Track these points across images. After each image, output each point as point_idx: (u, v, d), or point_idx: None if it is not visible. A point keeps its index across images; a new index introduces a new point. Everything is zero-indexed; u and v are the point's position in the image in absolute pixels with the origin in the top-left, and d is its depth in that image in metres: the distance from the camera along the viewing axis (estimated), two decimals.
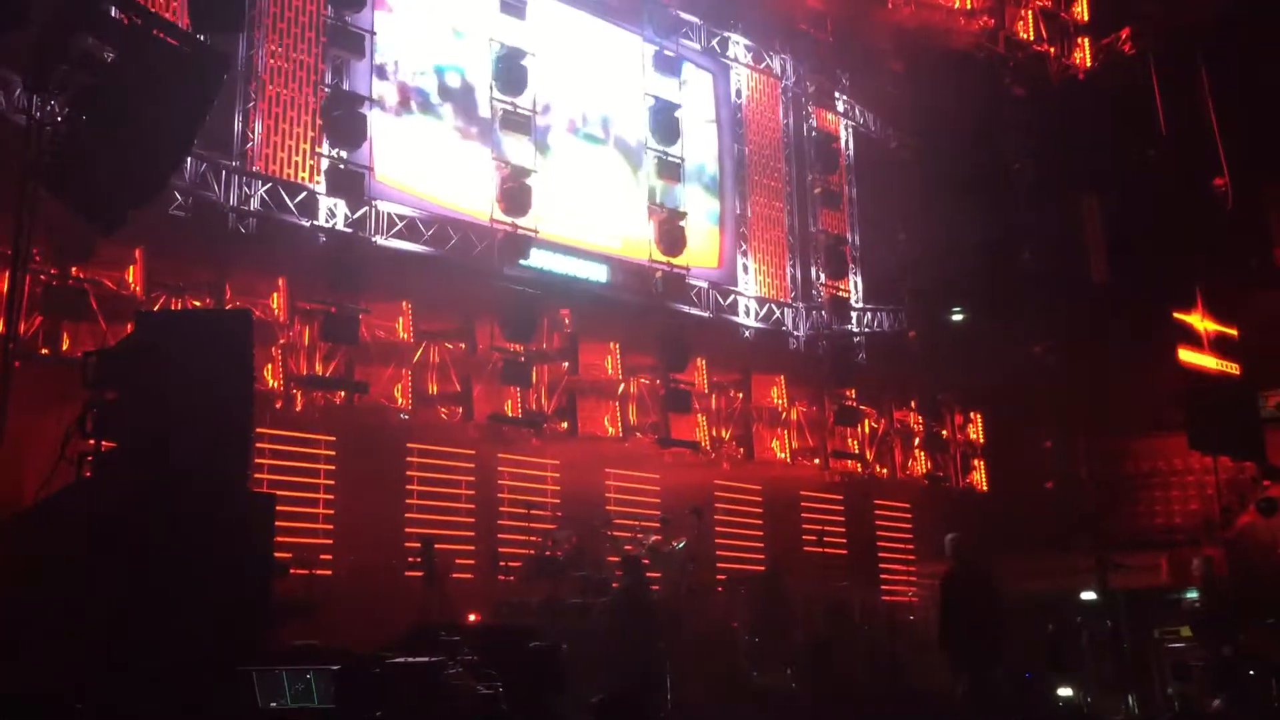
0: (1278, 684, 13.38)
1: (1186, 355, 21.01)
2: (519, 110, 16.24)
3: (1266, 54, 20.60)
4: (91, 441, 6.81)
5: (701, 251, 19.31)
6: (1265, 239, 23.39)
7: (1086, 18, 22.45)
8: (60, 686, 5.72)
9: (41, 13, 7.72)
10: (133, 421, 6.70)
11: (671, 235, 17.97)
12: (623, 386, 17.31)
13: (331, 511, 13.75)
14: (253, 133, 14.43)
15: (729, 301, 19.83)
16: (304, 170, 14.85)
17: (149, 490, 6.35)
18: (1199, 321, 21.65)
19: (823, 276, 20.81)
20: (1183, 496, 22.25)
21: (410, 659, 6.13)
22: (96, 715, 5.49)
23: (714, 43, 20.39)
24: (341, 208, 14.77)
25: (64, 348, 11.96)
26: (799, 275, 21.05)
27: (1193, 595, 18.43)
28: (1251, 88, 21.14)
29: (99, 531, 6.22)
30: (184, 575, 6.03)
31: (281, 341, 13.93)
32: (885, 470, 20.77)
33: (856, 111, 22.20)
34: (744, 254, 20.33)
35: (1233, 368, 21.91)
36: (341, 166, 14.52)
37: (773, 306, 20.51)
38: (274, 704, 5.50)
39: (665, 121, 18.22)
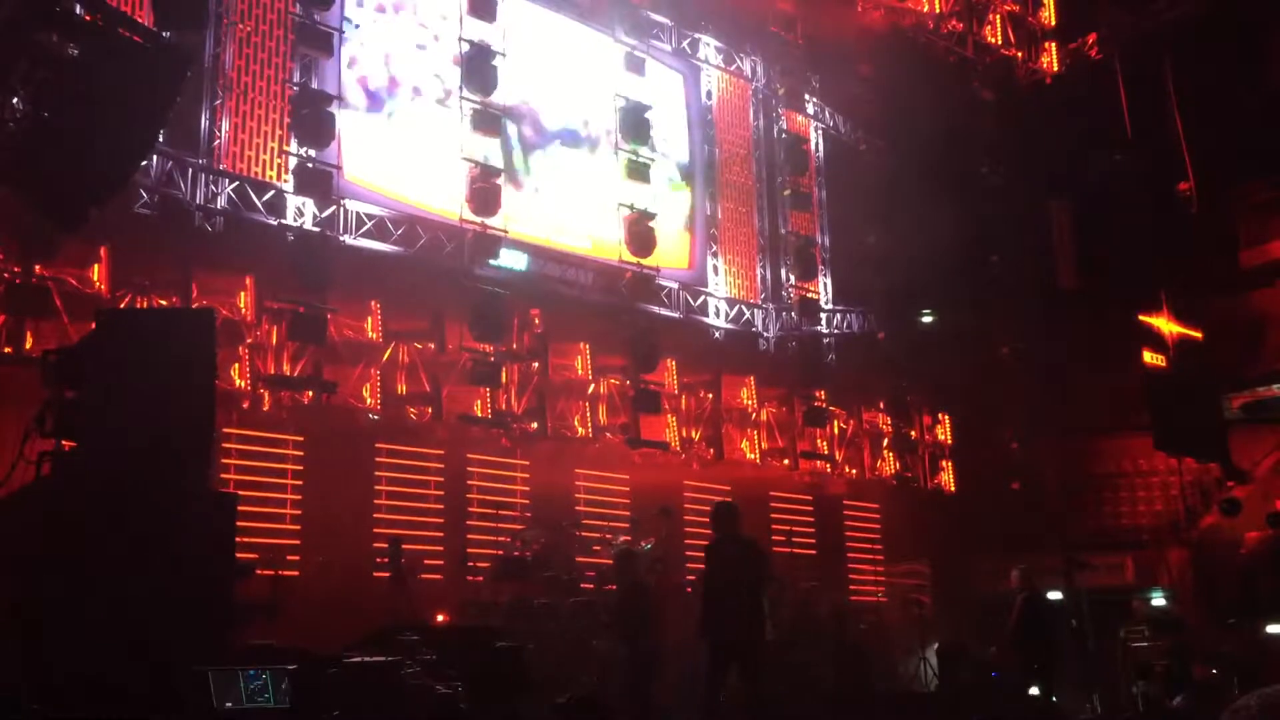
0: (1239, 682, 13.54)
1: (1152, 357, 21.27)
2: (488, 109, 16.22)
3: (1231, 59, 20.87)
4: (51, 440, 6.75)
5: (671, 252, 19.35)
6: (1230, 242, 23.69)
7: (1054, 23, 22.66)
8: (16, 686, 5.69)
9: (3, 8, 7.66)
10: (93, 420, 6.65)
11: (641, 236, 17.99)
12: (592, 387, 17.30)
13: (299, 512, 13.66)
14: (220, 131, 14.36)
15: (699, 302, 19.89)
16: (272, 169, 14.78)
17: (108, 490, 6.31)
18: (1164, 324, 21.93)
19: (792, 278, 20.90)
20: (1148, 497, 22.48)
21: (367, 659, 6.12)
22: (51, 715, 5.46)
23: (684, 44, 20.43)
24: (310, 206, 14.71)
25: (27, 346, 11.84)
26: (769, 276, 21.13)
27: (1158, 595, 18.67)
28: (1216, 93, 21.40)
29: (57, 531, 6.17)
30: (142, 575, 6.00)
31: (249, 341, 13.84)
32: (854, 471, 20.86)
33: (826, 114, 22.31)
34: (714, 255, 20.39)
35: (1197, 370, 22.16)
36: (310, 165, 14.44)
37: (743, 307, 20.58)
38: (229, 704, 5.48)
39: (635, 122, 18.22)
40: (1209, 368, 22.03)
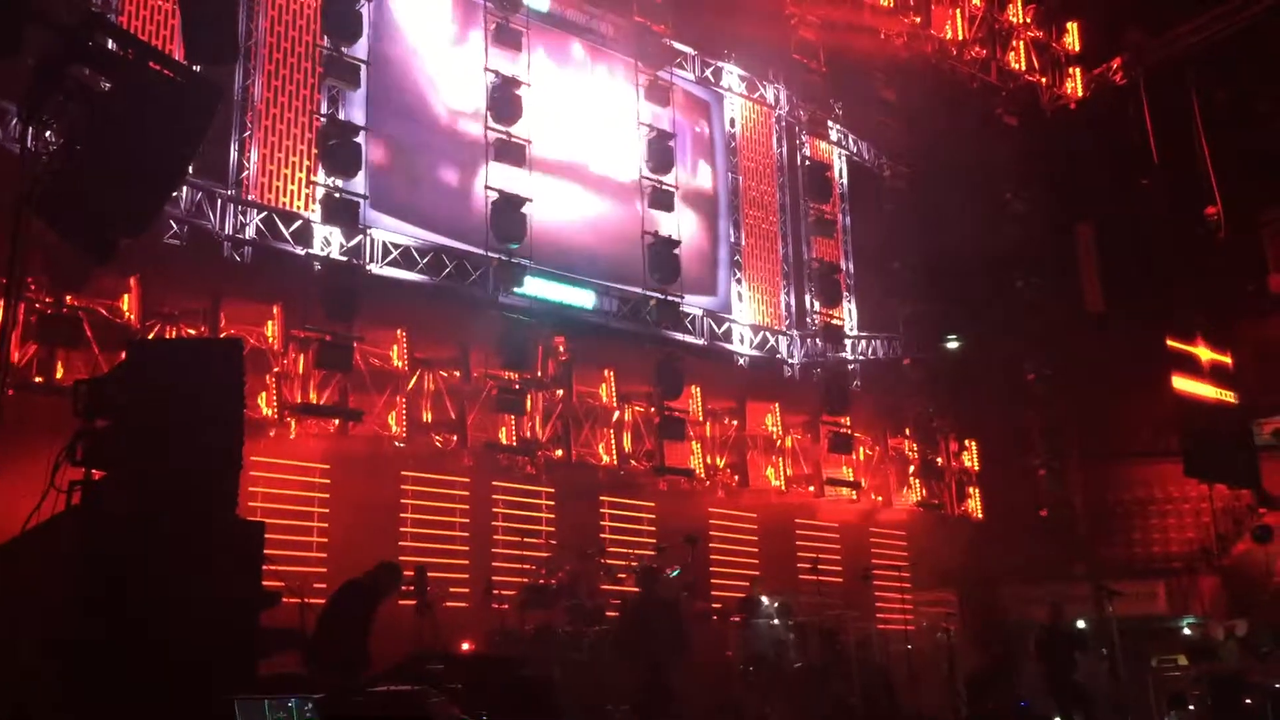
0: (1274, 711, 13.36)
1: (1181, 383, 21.12)
2: (513, 139, 16.32)
3: (1257, 82, 20.79)
4: (82, 470, 6.80)
5: (696, 279, 19.37)
6: (1260, 266, 23.53)
7: (1078, 48, 22.66)
8: (44, 717, 5.71)
9: (37, 43, 7.78)
10: (123, 449, 6.69)
11: (666, 263, 18.01)
12: (617, 414, 17.31)
13: (325, 540, 13.69)
14: (248, 162, 14.53)
15: (723, 329, 19.91)
16: (299, 199, 14.94)
17: (137, 519, 6.35)
18: (1194, 349, 21.78)
19: (817, 304, 20.88)
20: (1179, 524, 22.27)
21: (392, 688, 6.12)
22: None
23: (708, 73, 20.55)
24: (337, 236, 14.84)
25: (58, 376, 11.95)
26: (793, 303, 21.13)
27: (1192, 622, 18.44)
28: (1242, 116, 21.32)
29: (87, 560, 6.21)
30: (170, 604, 6.03)
31: (276, 369, 13.92)
32: (880, 498, 20.73)
33: (849, 140, 22.35)
34: (738, 282, 20.40)
35: (1228, 395, 21.99)
36: (337, 195, 14.58)
37: (767, 334, 20.57)
38: None
39: (659, 150, 18.32)
40: (1240, 392, 21.86)
